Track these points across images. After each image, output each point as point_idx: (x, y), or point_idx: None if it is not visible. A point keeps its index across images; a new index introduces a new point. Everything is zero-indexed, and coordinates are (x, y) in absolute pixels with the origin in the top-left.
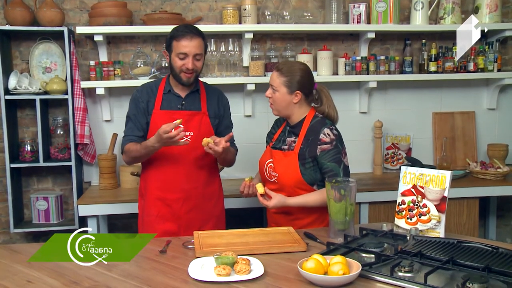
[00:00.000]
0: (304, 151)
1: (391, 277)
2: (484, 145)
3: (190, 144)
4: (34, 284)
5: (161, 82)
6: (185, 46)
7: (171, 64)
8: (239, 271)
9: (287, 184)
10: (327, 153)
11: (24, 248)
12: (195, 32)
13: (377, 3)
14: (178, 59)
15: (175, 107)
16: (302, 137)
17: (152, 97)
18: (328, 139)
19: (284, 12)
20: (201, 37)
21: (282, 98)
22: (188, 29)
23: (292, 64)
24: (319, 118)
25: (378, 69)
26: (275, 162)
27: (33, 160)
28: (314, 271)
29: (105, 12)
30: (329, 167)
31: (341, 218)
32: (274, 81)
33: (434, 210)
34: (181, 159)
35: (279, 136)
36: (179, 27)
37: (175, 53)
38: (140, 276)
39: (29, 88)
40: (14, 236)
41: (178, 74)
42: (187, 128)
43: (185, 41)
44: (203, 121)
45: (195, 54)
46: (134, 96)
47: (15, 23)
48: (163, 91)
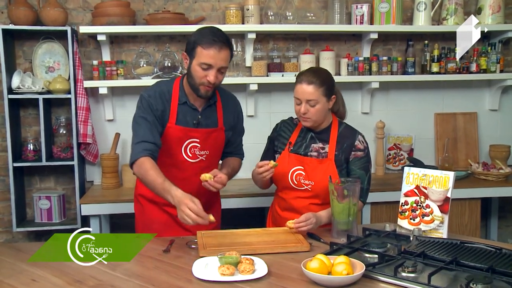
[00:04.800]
0: (340, 157)
1: (395, 277)
2: (486, 146)
3: (204, 162)
4: (39, 283)
5: (173, 87)
6: (212, 57)
7: (191, 72)
8: (243, 270)
9: (323, 191)
10: (359, 160)
11: (29, 247)
12: (224, 42)
13: (380, 3)
14: (200, 69)
15: (191, 122)
16: (334, 144)
17: (167, 107)
18: (362, 147)
19: (287, 12)
20: (230, 48)
21: (323, 108)
22: (217, 37)
23: (318, 72)
24: (345, 124)
25: (380, 69)
26: (309, 170)
27: (35, 159)
28: (318, 271)
29: (108, 11)
30: (357, 174)
31: (344, 218)
32: (312, 95)
33: (437, 210)
34: (192, 178)
35: (298, 142)
36: (207, 31)
37: (198, 61)
38: (144, 275)
39: (32, 87)
40: (16, 235)
41: (196, 85)
42: (204, 147)
43: (212, 50)
44: (219, 137)
45: (220, 67)
46: (144, 101)
47: (19, 22)
48: (178, 101)
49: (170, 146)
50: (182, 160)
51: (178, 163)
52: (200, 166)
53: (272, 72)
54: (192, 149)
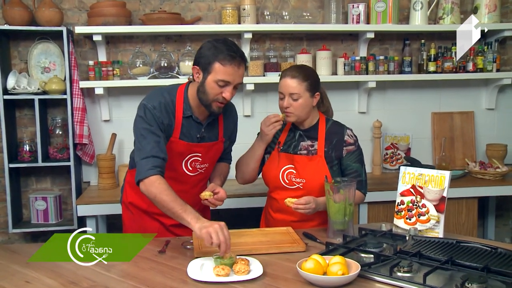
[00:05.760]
0: (330, 153)
1: (390, 277)
2: (483, 145)
3: (202, 175)
4: (33, 285)
5: (177, 98)
6: (231, 74)
7: (205, 88)
8: (238, 271)
9: (316, 189)
10: (352, 154)
11: (23, 248)
12: (242, 57)
13: (376, 3)
14: (216, 85)
15: (195, 136)
16: (322, 140)
17: (170, 120)
18: (352, 140)
19: (283, 12)
20: (245, 63)
21: (306, 104)
22: (235, 52)
23: (301, 68)
24: (332, 120)
25: (377, 69)
26: (300, 168)
27: (31, 160)
28: (313, 271)
29: (104, 12)
30: (353, 168)
31: (340, 218)
32: (295, 89)
33: (433, 210)
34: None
35: (287, 141)
36: (223, 46)
37: (215, 78)
38: (138, 276)
39: (27, 88)
40: (12, 236)
41: (209, 102)
42: (204, 161)
43: (232, 67)
44: (218, 149)
45: (237, 83)
46: (151, 113)
47: (14, 22)
48: (183, 114)
49: (171, 160)
50: (182, 173)
51: (177, 176)
52: (198, 179)
53: (268, 72)
54: (193, 163)
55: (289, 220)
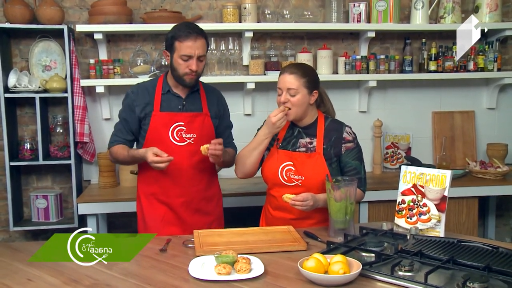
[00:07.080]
0: (329, 150)
1: (392, 276)
2: (484, 145)
3: (193, 146)
4: (35, 283)
5: (157, 82)
6: (189, 47)
7: (173, 65)
8: (239, 270)
9: (315, 186)
10: (351, 151)
11: (25, 246)
12: (198, 32)
13: (377, 2)
14: (181, 60)
15: (176, 108)
16: (321, 137)
17: (150, 99)
18: (351, 138)
19: (284, 11)
20: (204, 37)
21: (303, 100)
22: (191, 29)
23: (301, 65)
24: (331, 118)
25: (378, 68)
26: (298, 165)
27: (32, 158)
28: (315, 270)
29: (105, 10)
30: (353, 165)
31: (341, 217)
32: (293, 84)
33: (434, 209)
34: (183, 162)
35: (286, 138)
36: (181, 26)
37: (178, 54)
38: (140, 274)
39: (28, 86)
40: (13, 234)
41: (181, 76)
42: (190, 130)
43: (189, 42)
44: (205, 122)
45: (199, 55)
46: (128, 99)
47: (15, 21)
48: (162, 91)
49: (158, 133)
50: (170, 144)
51: (167, 148)
52: (189, 150)
53: (269, 70)
54: (178, 132)
55: (288, 218)
